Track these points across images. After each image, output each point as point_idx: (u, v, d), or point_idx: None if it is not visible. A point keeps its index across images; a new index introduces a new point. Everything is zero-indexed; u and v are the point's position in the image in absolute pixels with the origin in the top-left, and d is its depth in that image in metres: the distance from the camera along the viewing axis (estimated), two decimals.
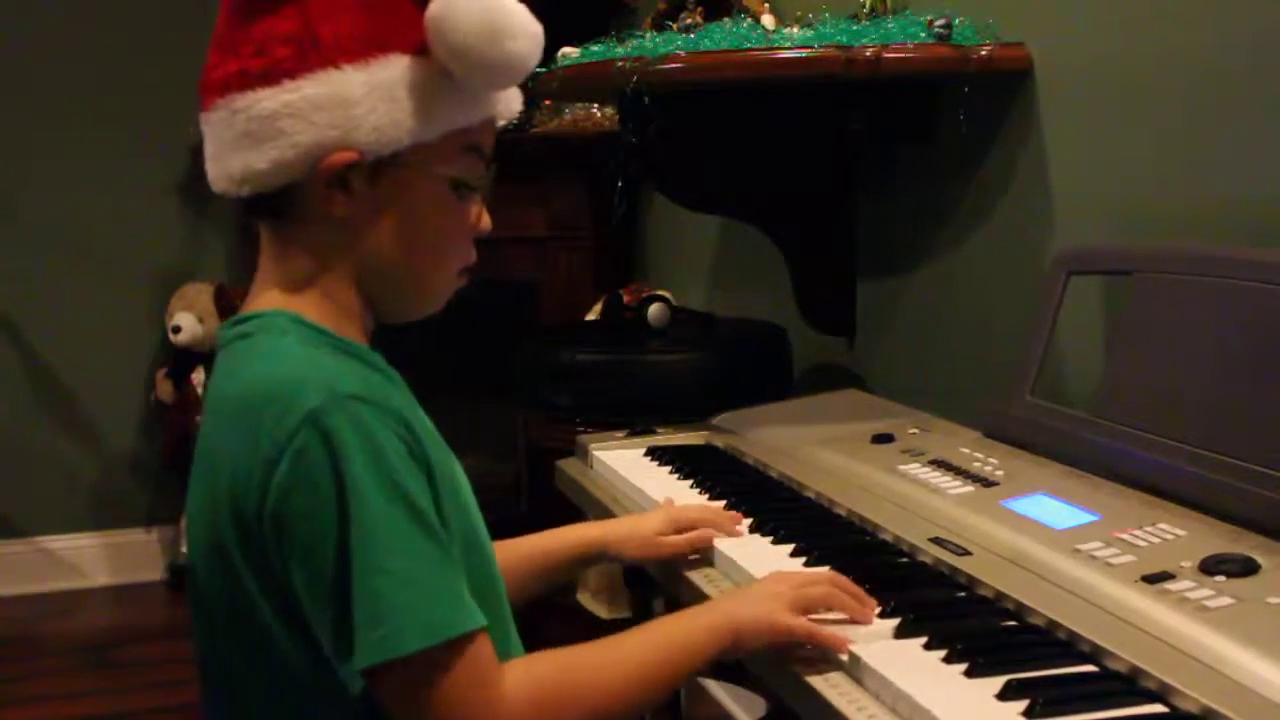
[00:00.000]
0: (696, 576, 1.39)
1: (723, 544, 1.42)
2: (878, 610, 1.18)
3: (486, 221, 1.18)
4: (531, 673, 1.07)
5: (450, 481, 1.11)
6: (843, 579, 1.21)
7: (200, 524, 1.09)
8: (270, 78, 1.07)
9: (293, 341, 1.08)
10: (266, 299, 1.13)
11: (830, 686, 1.09)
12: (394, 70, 1.08)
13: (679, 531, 1.45)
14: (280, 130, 1.07)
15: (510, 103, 1.18)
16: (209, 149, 1.13)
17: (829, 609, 1.17)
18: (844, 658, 1.11)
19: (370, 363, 1.12)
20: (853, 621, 1.17)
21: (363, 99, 1.07)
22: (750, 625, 1.15)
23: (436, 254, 1.16)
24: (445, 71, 1.09)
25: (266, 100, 1.07)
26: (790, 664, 1.14)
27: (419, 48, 1.09)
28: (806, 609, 1.16)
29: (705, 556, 1.43)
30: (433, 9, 1.08)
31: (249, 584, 1.05)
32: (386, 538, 0.99)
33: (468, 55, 1.08)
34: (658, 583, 1.55)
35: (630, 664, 1.12)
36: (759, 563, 1.35)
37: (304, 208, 1.11)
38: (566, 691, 1.08)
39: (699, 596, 1.36)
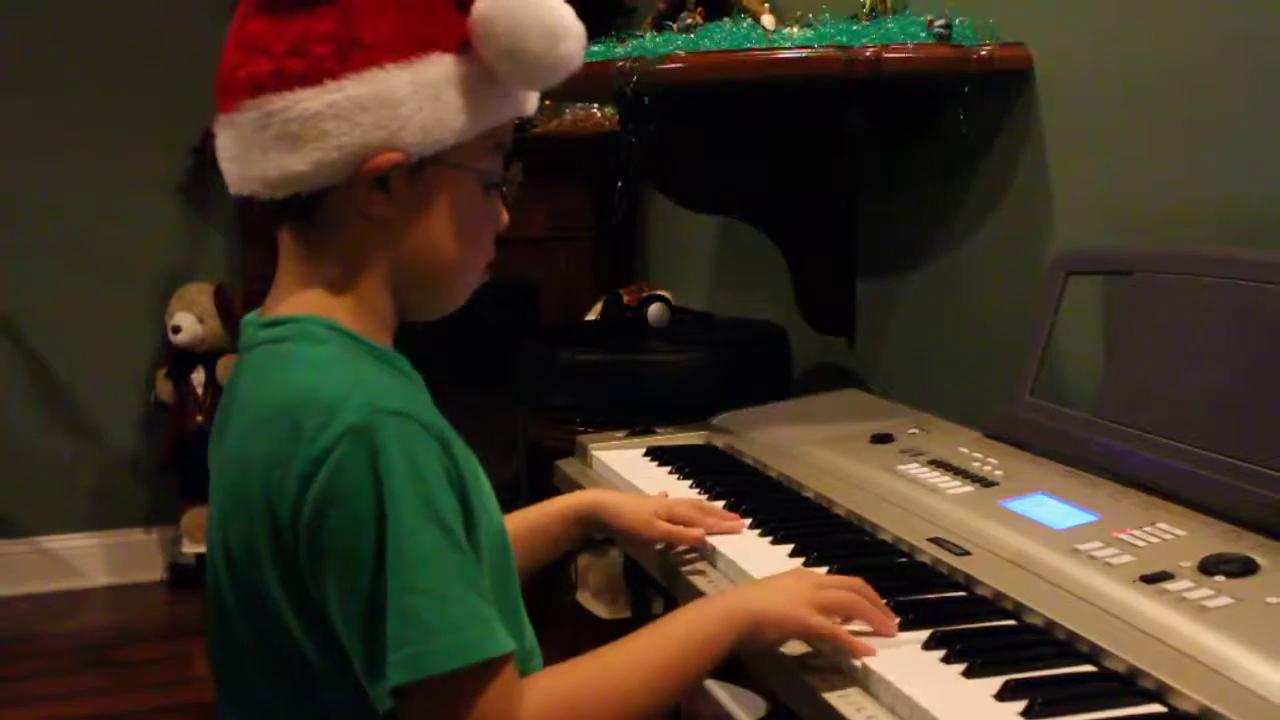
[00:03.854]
0: (697, 579, 1.39)
1: (723, 544, 1.42)
2: (897, 622, 1.16)
3: (506, 217, 1.18)
4: (551, 694, 1.06)
5: (478, 489, 1.10)
6: (868, 588, 1.18)
7: (226, 529, 1.08)
8: (311, 78, 1.05)
9: (332, 350, 1.07)
10: (297, 302, 1.11)
11: (829, 687, 1.09)
12: (438, 69, 1.07)
13: (671, 521, 1.45)
14: (324, 131, 1.05)
15: (533, 100, 1.18)
16: (231, 150, 1.10)
17: (851, 616, 1.14)
18: (856, 663, 1.09)
19: (399, 368, 1.12)
20: (873, 633, 1.14)
21: (408, 99, 1.06)
22: (773, 618, 1.13)
23: (470, 251, 1.16)
24: (486, 70, 1.09)
25: (308, 101, 1.05)
26: (789, 664, 1.14)
27: (460, 46, 1.08)
28: (828, 611, 1.13)
29: (706, 556, 1.43)
30: (482, 8, 1.07)
31: (275, 592, 1.04)
32: (423, 557, 0.98)
33: (519, 56, 1.08)
34: (657, 581, 1.55)
35: (646, 665, 1.10)
36: (758, 562, 1.35)
37: (339, 209, 1.09)
38: (585, 706, 1.06)
39: (696, 595, 1.36)
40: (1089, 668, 1.06)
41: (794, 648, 1.16)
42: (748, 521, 1.48)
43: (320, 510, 0.99)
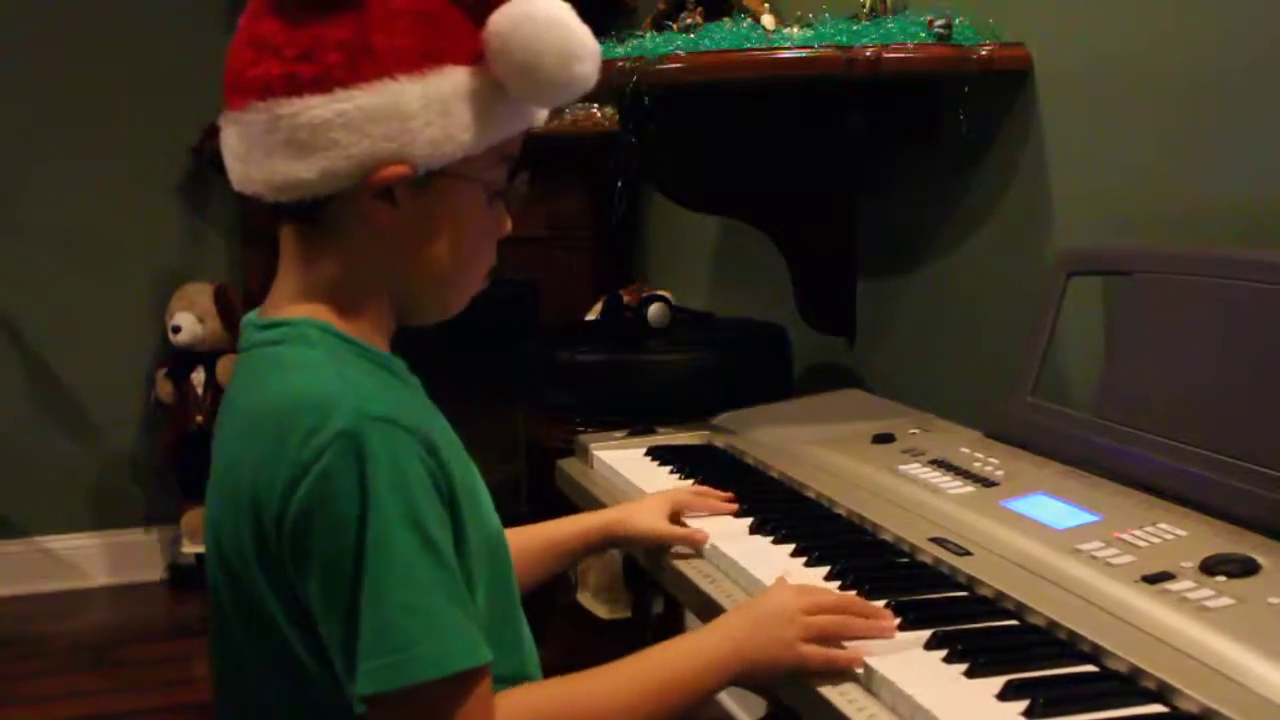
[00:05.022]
0: (698, 579, 1.39)
1: (725, 544, 1.42)
2: (897, 623, 1.16)
3: (509, 224, 1.18)
4: (524, 708, 1.06)
5: (470, 494, 1.10)
6: (852, 601, 1.18)
7: (218, 531, 1.09)
8: (321, 85, 1.04)
9: (322, 354, 1.07)
10: (294, 305, 1.11)
11: (831, 687, 1.09)
12: (449, 83, 1.06)
13: (676, 514, 1.49)
14: (333, 141, 1.04)
15: (543, 113, 1.17)
16: (237, 149, 1.10)
17: (845, 639, 1.14)
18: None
19: (395, 372, 1.12)
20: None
21: (419, 112, 1.05)
22: (764, 660, 1.13)
23: (472, 260, 1.15)
24: (497, 84, 1.08)
25: (318, 108, 1.04)
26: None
27: (473, 59, 1.07)
28: (819, 639, 1.13)
29: (708, 557, 1.43)
30: (499, 25, 1.06)
31: (266, 593, 1.04)
32: (400, 567, 0.98)
33: (534, 74, 1.07)
34: (658, 581, 1.55)
35: (629, 697, 1.10)
36: (760, 562, 1.35)
37: (343, 215, 1.09)
38: None
39: (696, 594, 1.36)
40: (1090, 668, 1.06)
41: None
42: (749, 521, 1.48)
43: (305, 515, 0.99)
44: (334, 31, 1.04)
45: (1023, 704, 0.99)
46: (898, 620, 1.16)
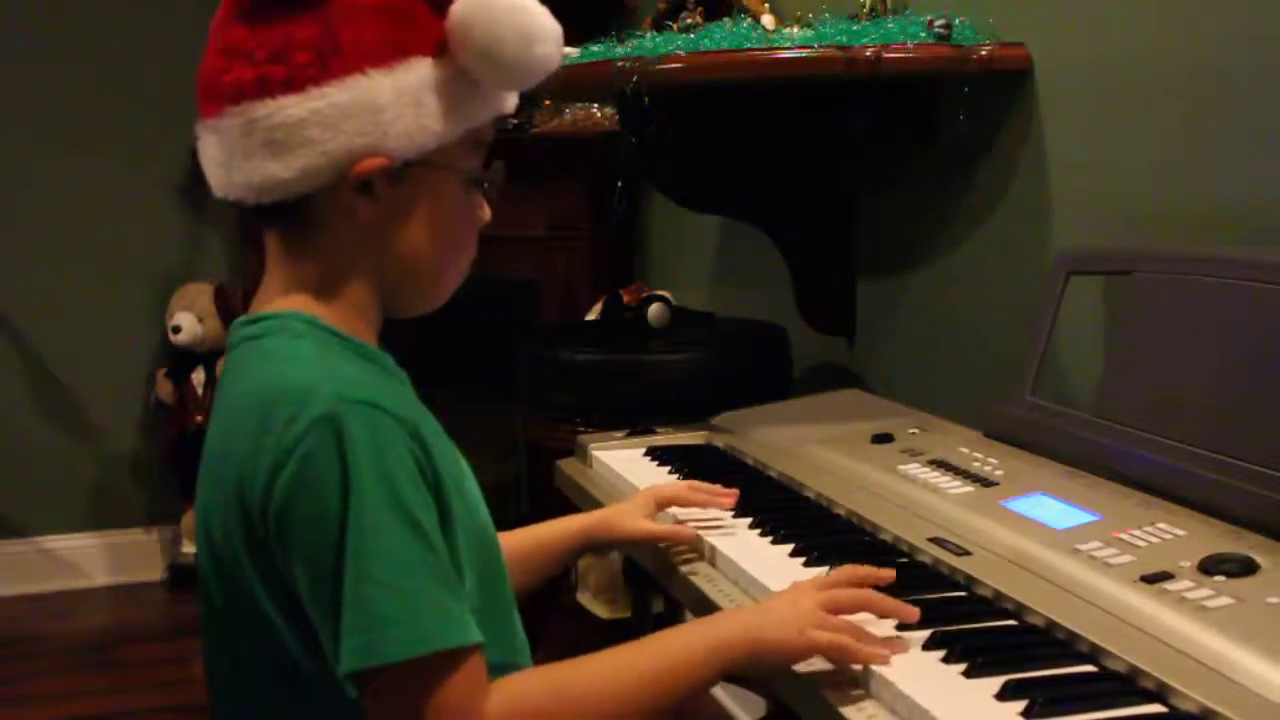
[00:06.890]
0: (697, 579, 1.39)
1: (723, 544, 1.42)
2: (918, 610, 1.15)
3: (487, 213, 1.20)
4: (520, 694, 1.05)
5: (457, 482, 1.11)
6: (870, 574, 1.17)
7: (208, 524, 1.09)
8: (293, 85, 1.06)
9: (306, 344, 1.08)
10: (280, 301, 1.13)
11: (830, 687, 1.09)
12: (417, 74, 1.09)
13: (662, 509, 1.49)
14: (308, 139, 1.06)
15: (512, 99, 1.19)
16: (216, 156, 1.12)
17: (863, 610, 1.13)
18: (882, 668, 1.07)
19: (381, 365, 1.13)
20: (895, 622, 1.13)
21: (390, 105, 1.07)
22: (774, 644, 1.11)
23: (454, 249, 1.17)
24: (464, 72, 1.10)
25: (292, 108, 1.06)
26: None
27: (437, 49, 1.10)
28: (838, 611, 1.12)
29: (706, 556, 1.43)
30: (460, 13, 1.09)
31: (255, 584, 1.05)
32: (383, 548, 0.99)
33: (496, 59, 1.09)
34: (657, 581, 1.55)
35: (625, 679, 1.09)
36: (758, 562, 1.35)
37: (323, 212, 1.11)
38: (554, 711, 1.06)
39: (695, 594, 1.36)
40: (1089, 668, 1.06)
41: None
42: (748, 520, 1.48)
43: (288, 500, 1.00)
44: (302, 31, 1.07)
45: (1021, 704, 0.99)
46: (896, 620, 1.15)
